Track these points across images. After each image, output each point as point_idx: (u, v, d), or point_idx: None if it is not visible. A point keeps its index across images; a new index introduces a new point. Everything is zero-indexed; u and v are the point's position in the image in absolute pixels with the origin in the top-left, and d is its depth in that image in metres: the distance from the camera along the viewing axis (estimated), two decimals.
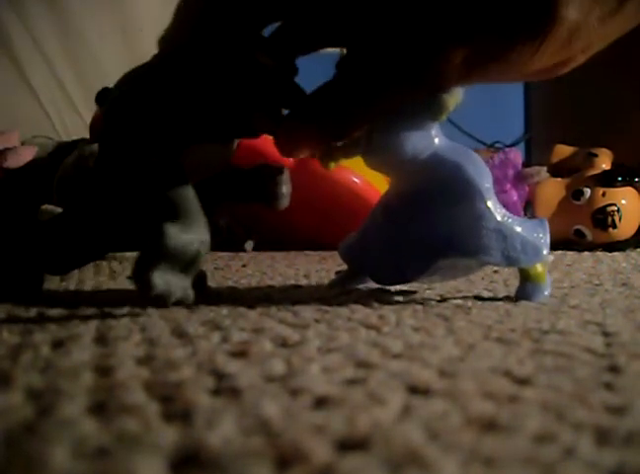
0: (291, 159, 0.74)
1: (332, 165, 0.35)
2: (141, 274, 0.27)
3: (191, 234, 0.28)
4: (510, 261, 0.32)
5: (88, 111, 1.24)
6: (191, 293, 0.29)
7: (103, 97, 0.31)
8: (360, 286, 0.39)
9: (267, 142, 0.32)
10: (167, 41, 0.30)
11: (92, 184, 0.32)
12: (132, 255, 0.59)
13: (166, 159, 0.30)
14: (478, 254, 0.32)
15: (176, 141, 0.30)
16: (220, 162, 0.33)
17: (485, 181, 0.32)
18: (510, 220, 0.32)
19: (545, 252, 0.33)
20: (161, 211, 0.29)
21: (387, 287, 0.38)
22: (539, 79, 0.31)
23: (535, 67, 0.28)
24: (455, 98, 0.30)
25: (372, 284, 0.38)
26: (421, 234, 0.33)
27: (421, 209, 0.33)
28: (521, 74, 0.29)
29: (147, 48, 0.30)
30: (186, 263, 0.28)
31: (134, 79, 0.30)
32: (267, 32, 0.30)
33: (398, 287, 0.38)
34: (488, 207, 0.32)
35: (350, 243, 0.37)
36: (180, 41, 0.29)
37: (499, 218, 0.32)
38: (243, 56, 0.29)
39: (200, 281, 0.35)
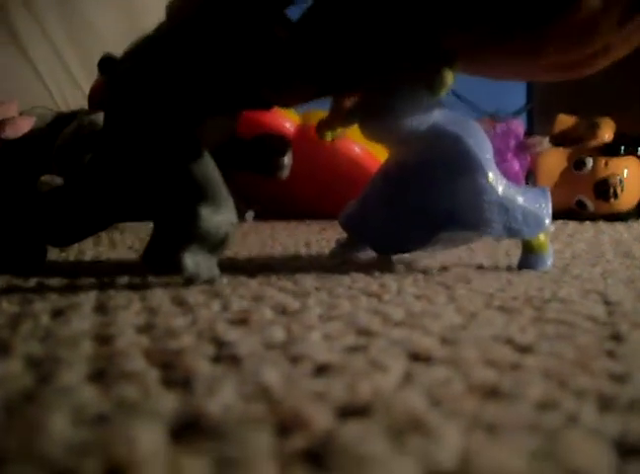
0: (292, 128, 0.73)
1: (329, 135, 0.35)
2: (172, 255, 0.28)
3: (221, 216, 0.29)
4: (512, 233, 0.32)
5: (86, 81, 1.23)
6: (217, 273, 0.29)
7: (106, 64, 0.31)
8: (361, 255, 0.39)
9: (267, 113, 0.32)
10: (177, 9, 0.29)
11: (98, 154, 0.32)
12: (133, 225, 0.59)
13: (185, 134, 0.30)
14: (480, 227, 0.32)
15: (193, 113, 0.30)
16: (226, 134, 0.33)
17: (485, 152, 0.32)
18: (511, 191, 0.32)
19: (547, 222, 0.33)
20: (191, 192, 0.29)
21: (388, 256, 0.38)
22: (559, 78, 0.30)
23: (547, 58, 0.28)
24: (453, 74, 0.30)
25: (373, 253, 0.38)
26: (422, 206, 0.33)
27: (421, 182, 0.33)
28: (537, 67, 0.29)
29: (145, 16, 0.30)
30: (215, 244, 0.29)
31: (145, 49, 0.30)
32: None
33: (399, 256, 0.38)
34: (489, 181, 0.32)
35: (350, 212, 0.37)
36: (192, 10, 0.29)
37: (500, 191, 0.32)
38: (260, 29, 0.29)
39: None
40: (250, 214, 0.78)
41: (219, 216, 0.29)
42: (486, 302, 0.25)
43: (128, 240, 0.50)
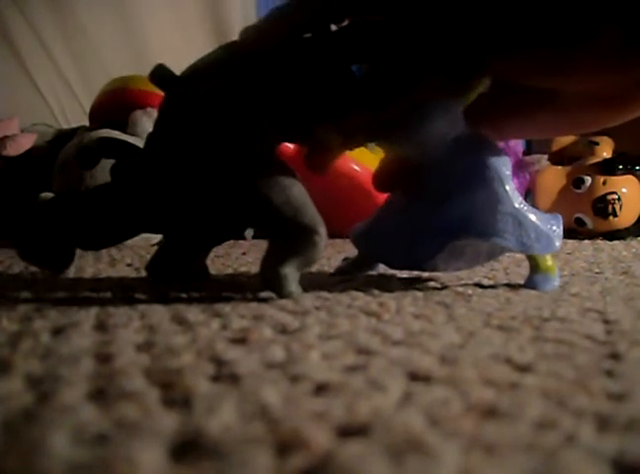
0: (291, 147, 0.73)
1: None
2: (278, 270, 0.29)
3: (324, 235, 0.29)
4: (524, 247, 0.32)
5: (87, 97, 1.24)
6: (300, 290, 0.30)
7: (163, 76, 0.31)
8: (365, 273, 0.39)
9: None
10: (259, 35, 0.30)
11: (147, 165, 0.31)
12: (132, 243, 0.59)
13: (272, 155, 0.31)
14: (493, 236, 0.32)
15: (273, 136, 0.31)
16: None
17: (505, 168, 0.32)
18: (526, 208, 0.32)
19: (558, 244, 0.33)
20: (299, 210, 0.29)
21: (388, 275, 0.38)
22: (601, 120, 0.30)
23: (578, 83, 0.27)
24: (484, 82, 0.30)
25: (377, 272, 0.38)
26: (438, 216, 0.33)
27: (440, 191, 0.33)
28: (570, 103, 0.29)
29: (146, 34, 0.30)
30: (309, 263, 0.30)
31: (220, 69, 0.30)
32: None
33: (399, 275, 0.38)
34: (506, 191, 0.32)
35: (362, 229, 0.37)
36: (276, 39, 0.30)
37: (516, 204, 0.32)
38: (338, 72, 0.30)
39: (202, 269, 0.35)
40: (249, 233, 0.78)
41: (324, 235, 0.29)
42: (485, 321, 0.25)
43: (128, 258, 0.51)
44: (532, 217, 0.33)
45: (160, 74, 0.31)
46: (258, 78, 0.30)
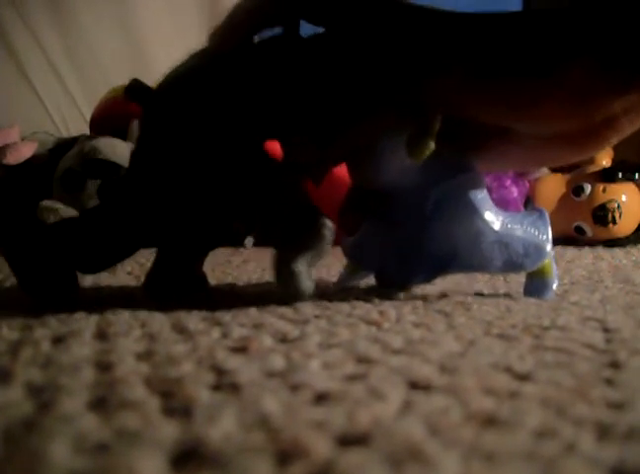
0: None
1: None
2: (291, 267, 0.29)
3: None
4: (514, 267, 0.32)
5: (87, 106, 1.24)
6: (314, 284, 0.30)
7: (137, 91, 0.31)
8: (360, 283, 0.39)
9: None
10: (223, 39, 0.30)
11: (135, 180, 0.32)
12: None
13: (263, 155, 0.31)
14: (482, 268, 0.32)
15: (258, 136, 0.31)
16: None
17: (478, 192, 0.32)
18: (509, 226, 0.32)
19: (548, 248, 0.33)
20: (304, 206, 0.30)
21: None
22: (567, 156, 0.30)
23: (546, 123, 0.27)
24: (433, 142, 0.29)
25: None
26: (422, 246, 0.33)
27: (415, 222, 0.33)
28: (539, 141, 0.28)
29: (146, 42, 0.30)
30: (319, 259, 0.30)
31: (196, 75, 0.30)
32: None
33: None
34: (484, 221, 0.32)
35: (354, 241, 0.37)
36: (238, 41, 0.30)
37: (497, 228, 0.32)
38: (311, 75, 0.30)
39: (200, 279, 0.35)
40: (249, 241, 0.78)
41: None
42: (485, 330, 0.25)
43: (128, 266, 0.51)
44: (517, 233, 0.32)
45: (136, 89, 0.31)
46: (237, 81, 0.29)
